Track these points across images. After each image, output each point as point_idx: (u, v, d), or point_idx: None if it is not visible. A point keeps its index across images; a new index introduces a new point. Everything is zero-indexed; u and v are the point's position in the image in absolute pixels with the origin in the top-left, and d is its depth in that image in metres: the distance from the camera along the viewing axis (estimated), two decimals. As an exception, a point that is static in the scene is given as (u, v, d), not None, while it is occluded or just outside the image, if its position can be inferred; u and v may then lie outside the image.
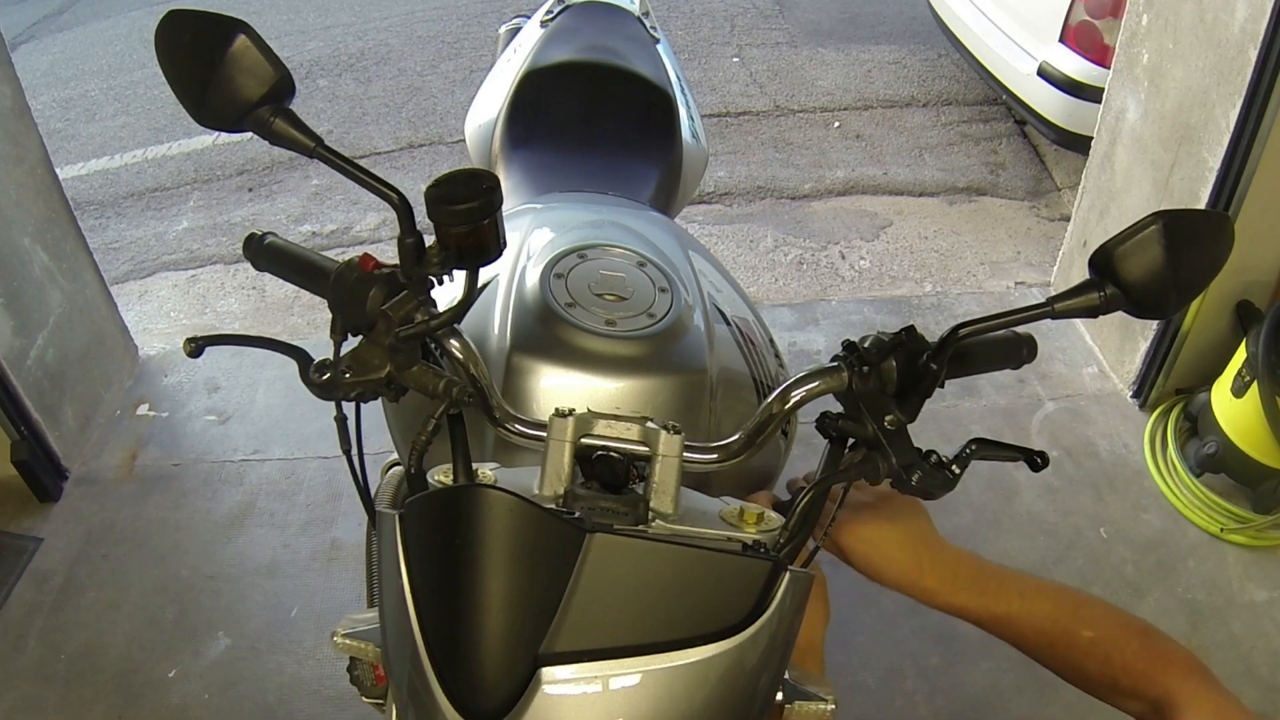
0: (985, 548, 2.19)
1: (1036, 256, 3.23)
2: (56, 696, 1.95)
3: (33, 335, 2.31)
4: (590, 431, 0.85)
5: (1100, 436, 2.47)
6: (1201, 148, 2.17)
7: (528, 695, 0.66)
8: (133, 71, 4.72)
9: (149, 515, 2.32)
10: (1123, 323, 2.56)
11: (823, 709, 0.82)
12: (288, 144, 0.83)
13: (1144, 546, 2.20)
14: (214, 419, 2.57)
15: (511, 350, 1.09)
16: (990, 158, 3.79)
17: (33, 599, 2.13)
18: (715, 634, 0.69)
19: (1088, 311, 0.80)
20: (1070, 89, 3.17)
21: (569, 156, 1.70)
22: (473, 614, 0.68)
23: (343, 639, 0.90)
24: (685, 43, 4.58)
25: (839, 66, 4.39)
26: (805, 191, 3.62)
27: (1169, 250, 0.77)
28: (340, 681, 1.93)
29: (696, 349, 1.14)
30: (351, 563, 2.18)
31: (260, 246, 0.91)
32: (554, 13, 1.98)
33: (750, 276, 3.16)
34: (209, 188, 3.81)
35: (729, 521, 0.84)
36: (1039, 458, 0.83)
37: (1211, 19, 2.08)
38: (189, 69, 0.83)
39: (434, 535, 0.72)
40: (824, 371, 0.85)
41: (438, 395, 0.82)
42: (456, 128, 3.90)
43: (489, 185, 0.76)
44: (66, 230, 2.47)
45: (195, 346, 0.82)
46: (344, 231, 3.51)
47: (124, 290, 3.18)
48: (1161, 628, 0.91)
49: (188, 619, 2.09)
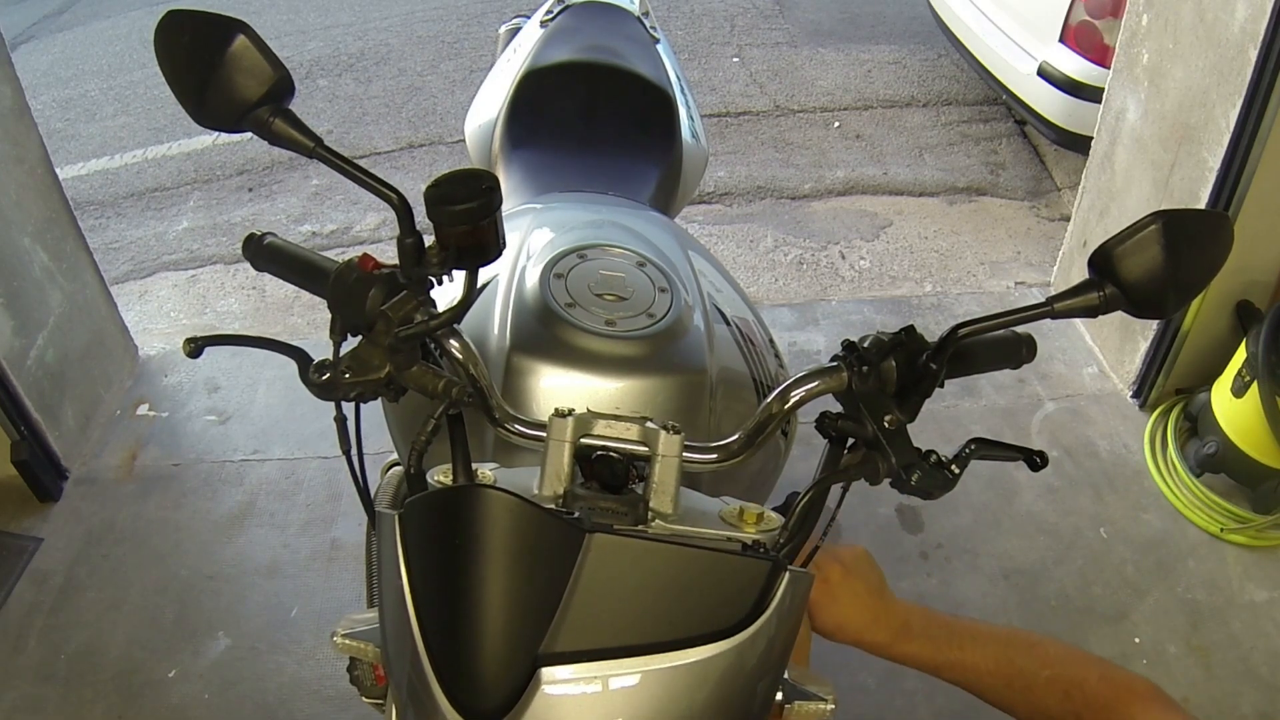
0: (985, 547, 2.20)
1: (1036, 256, 3.23)
2: (56, 696, 1.95)
3: (33, 335, 2.31)
4: (590, 431, 0.85)
5: (1100, 436, 2.47)
6: (1201, 148, 2.17)
7: (527, 695, 0.66)
8: (133, 71, 4.72)
9: (149, 515, 2.32)
10: (1123, 323, 2.56)
11: (822, 709, 0.82)
12: (287, 144, 0.83)
13: (1144, 546, 2.20)
14: (214, 419, 2.57)
15: (511, 350, 1.09)
16: (990, 158, 3.79)
17: (33, 599, 2.13)
18: (715, 634, 0.69)
19: (1087, 311, 0.80)
20: (1070, 89, 3.17)
21: (569, 156, 1.70)
22: (472, 614, 0.68)
23: (343, 639, 0.90)
24: (685, 43, 4.58)
25: (839, 66, 4.39)
26: (805, 191, 3.62)
27: (1168, 250, 0.77)
28: (340, 681, 1.93)
29: (696, 349, 1.14)
30: (351, 563, 2.18)
31: (260, 246, 0.91)
32: (554, 13, 1.98)
33: (750, 276, 3.16)
34: (209, 188, 3.81)
35: (729, 521, 0.84)
36: (1038, 458, 0.83)
37: (1211, 19, 2.08)
38: (189, 69, 0.83)
39: (434, 535, 0.72)
40: (824, 371, 0.85)
41: (438, 395, 0.82)
42: (456, 128, 3.90)
43: (489, 185, 0.76)
44: (66, 230, 2.47)
45: (195, 347, 0.82)
46: (344, 231, 3.51)
47: (124, 290, 3.18)
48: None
49: (188, 619, 2.09)
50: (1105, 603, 2.08)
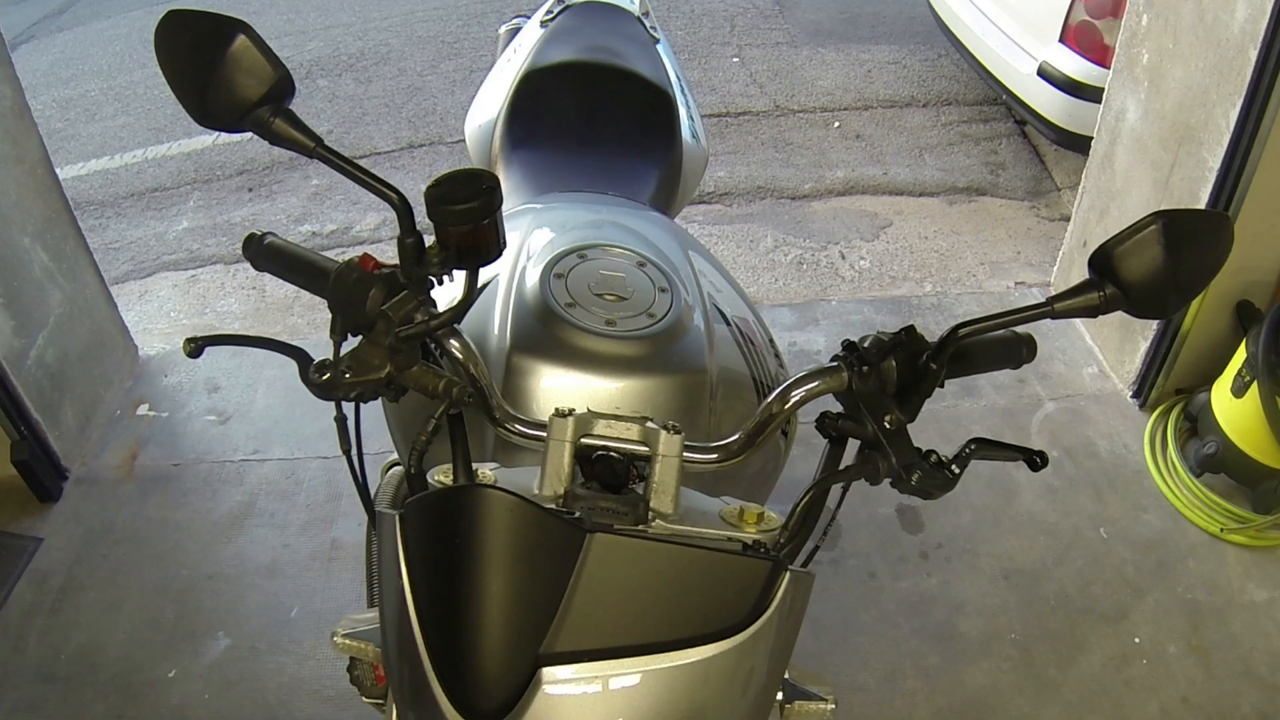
0: (985, 548, 2.20)
1: (1036, 256, 3.23)
2: (56, 696, 1.95)
3: (33, 335, 2.31)
4: (590, 431, 0.85)
5: (1100, 436, 2.47)
6: (1201, 148, 2.17)
7: (528, 695, 0.66)
8: (133, 71, 4.72)
9: (149, 515, 2.31)
10: (1123, 323, 2.56)
11: (822, 709, 0.83)
12: (288, 144, 0.83)
13: (1144, 546, 2.20)
14: (214, 419, 2.57)
15: (511, 350, 1.09)
16: (990, 158, 3.79)
17: (33, 599, 2.13)
18: (715, 634, 0.69)
19: (1087, 311, 0.80)
20: (1070, 89, 3.17)
21: (569, 156, 1.70)
22: (473, 614, 0.68)
23: (343, 639, 0.91)
24: (685, 43, 4.58)
25: (839, 66, 4.39)
26: (805, 191, 3.62)
27: (1168, 250, 0.77)
28: (340, 681, 1.93)
29: (696, 349, 1.14)
30: (351, 563, 2.18)
31: (260, 246, 0.92)
32: (554, 13, 1.98)
33: (750, 276, 3.16)
34: (209, 188, 3.81)
35: (729, 521, 0.84)
36: (1038, 458, 0.83)
37: (1211, 19, 2.08)
38: (189, 69, 0.83)
39: (434, 535, 0.72)
40: (824, 371, 0.85)
41: (438, 395, 0.82)
42: (456, 128, 3.90)
43: (489, 185, 0.76)
44: (66, 230, 2.47)
45: (195, 346, 0.82)
46: (344, 231, 3.51)
47: (124, 290, 3.17)
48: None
49: (188, 619, 2.09)
50: (1105, 603, 2.08)
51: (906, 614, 2.07)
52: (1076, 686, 1.94)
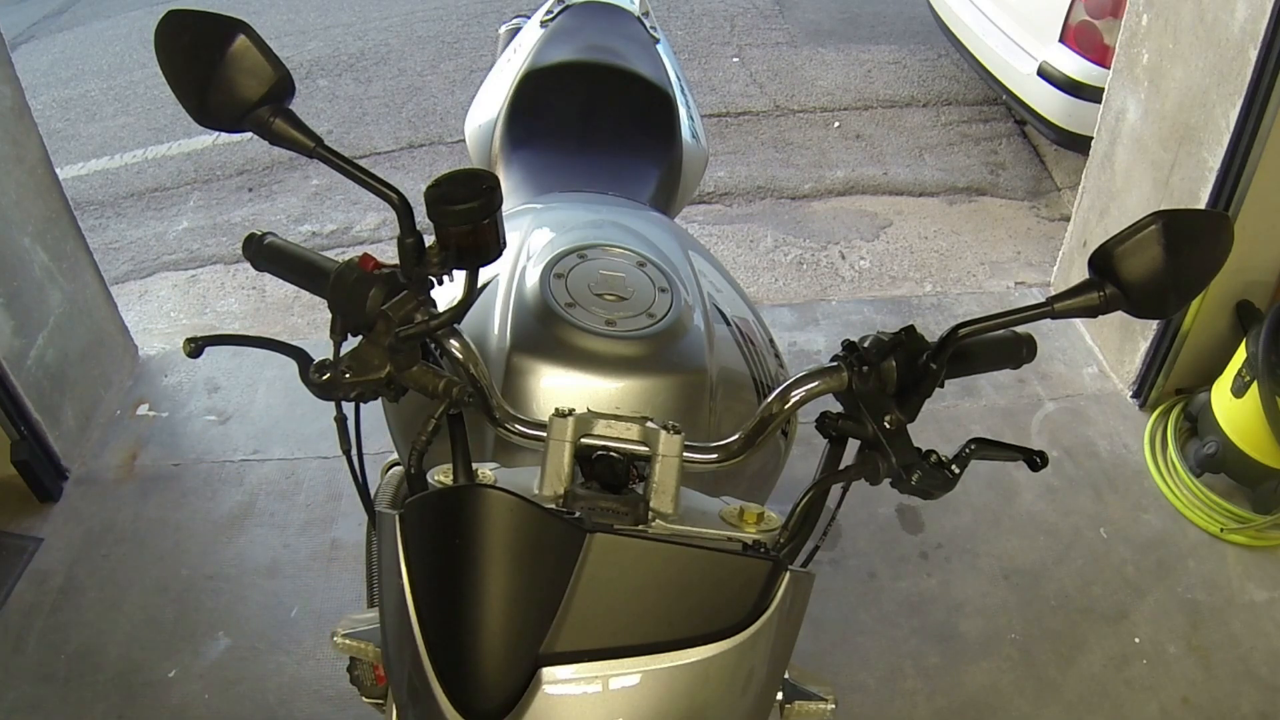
0: (985, 548, 2.20)
1: (1036, 256, 3.23)
2: (56, 696, 1.95)
3: (33, 335, 2.31)
4: (590, 431, 0.85)
5: (1100, 436, 2.47)
6: (1201, 148, 2.17)
7: (528, 695, 0.66)
8: (133, 71, 4.72)
9: (149, 515, 2.32)
10: (1123, 323, 2.56)
11: (823, 709, 0.83)
12: (288, 144, 0.83)
13: (1144, 546, 2.20)
14: (214, 419, 2.57)
15: (511, 350, 1.09)
16: (990, 158, 3.79)
17: (33, 599, 2.13)
18: (715, 634, 0.69)
19: (1087, 311, 0.80)
20: (1070, 89, 3.17)
21: (569, 156, 1.70)
22: (473, 614, 0.68)
23: (343, 639, 0.91)
24: (685, 43, 4.58)
25: (839, 66, 4.39)
26: (805, 191, 3.62)
27: (1168, 250, 0.77)
28: (340, 681, 1.93)
29: (696, 349, 1.14)
30: (351, 563, 2.18)
31: (260, 246, 0.92)
32: (554, 13, 1.98)
33: (750, 276, 3.16)
34: (209, 188, 3.81)
35: (729, 521, 0.84)
36: (1038, 458, 0.83)
37: (1211, 19, 2.08)
38: (189, 69, 0.83)
39: (434, 535, 0.72)
40: (824, 371, 0.85)
41: (438, 395, 0.82)
42: (456, 128, 3.90)
43: (489, 185, 0.76)
44: (66, 230, 2.47)
45: (195, 346, 0.82)
46: (344, 231, 3.51)
47: (124, 290, 3.17)
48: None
49: (188, 619, 2.09)
50: (1105, 603, 2.08)
51: (906, 614, 2.07)
52: (1076, 686, 1.94)
